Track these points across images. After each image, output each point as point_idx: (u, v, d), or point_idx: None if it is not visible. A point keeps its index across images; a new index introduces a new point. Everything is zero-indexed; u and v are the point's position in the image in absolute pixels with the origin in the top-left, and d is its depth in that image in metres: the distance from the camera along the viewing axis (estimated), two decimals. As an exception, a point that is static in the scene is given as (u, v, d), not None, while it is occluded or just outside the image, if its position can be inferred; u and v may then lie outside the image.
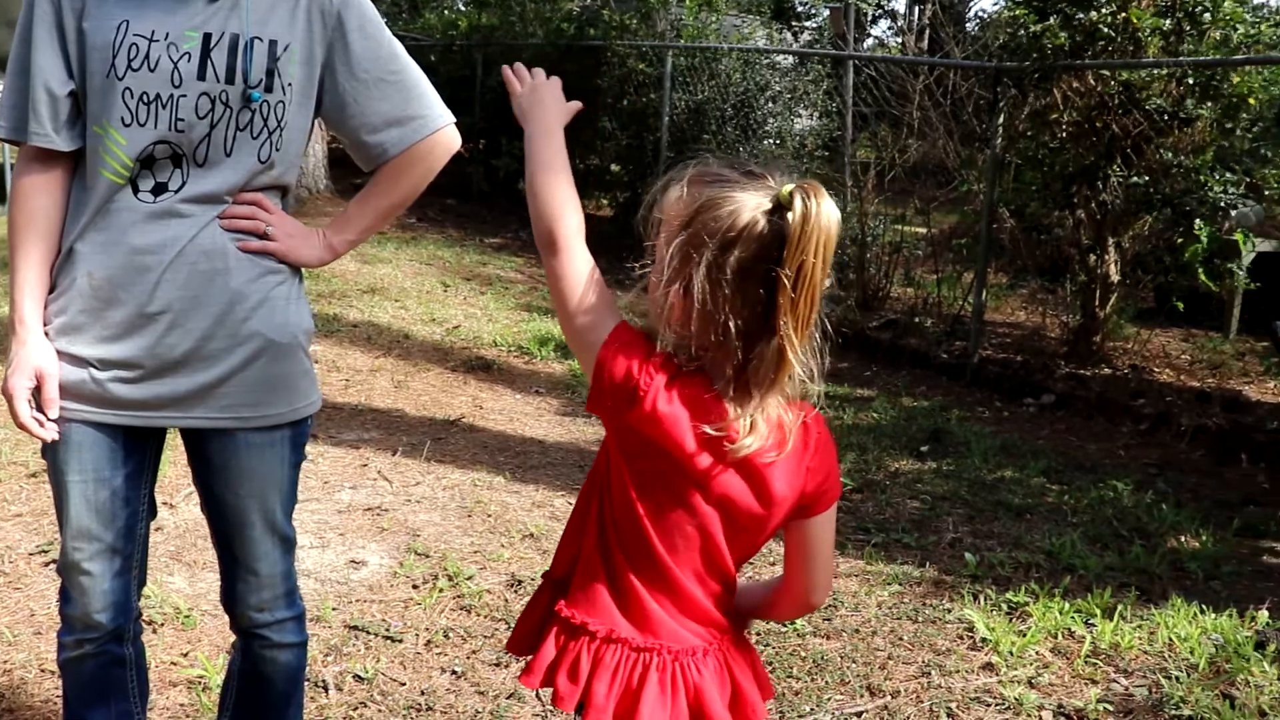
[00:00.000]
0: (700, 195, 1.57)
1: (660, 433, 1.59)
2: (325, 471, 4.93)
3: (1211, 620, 3.92)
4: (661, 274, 1.60)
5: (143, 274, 2.08)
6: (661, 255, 1.61)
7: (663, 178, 1.66)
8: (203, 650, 3.34)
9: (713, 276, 1.55)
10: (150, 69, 2.03)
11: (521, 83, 1.81)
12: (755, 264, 1.54)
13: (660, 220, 1.64)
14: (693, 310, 1.56)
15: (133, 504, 2.22)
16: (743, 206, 1.55)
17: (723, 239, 1.54)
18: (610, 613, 1.67)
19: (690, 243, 1.56)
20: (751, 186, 1.57)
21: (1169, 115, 6.99)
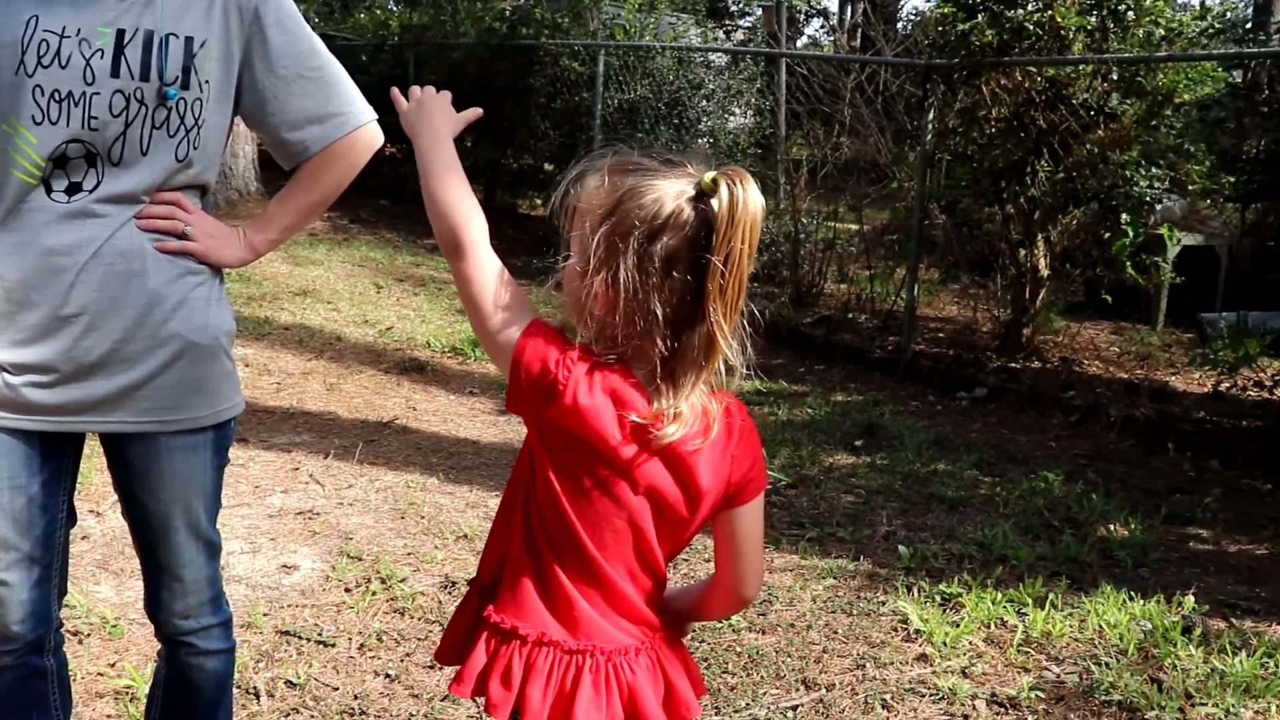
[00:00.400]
0: (622, 184, 1.57)
1: (583, 425, 1.58)
2: (256, 475, 4.87)
3: (1140, 606, 3.98)
4: (585, 264, 1.58)
5: (57, 275, 2.04)
6: (584, 245, 1.59)
7: (576, 166, 1.64)
8: (130, 660, 3.29)
9: (640, 265, 1.54)
10: (61, 66, 1.98)
11: (409, 99, 1.81)
12: (682, 251, 1.55)
13: (577, 210, 1.62)
14: (618, 299, 1.56)
15: (50, 511, 2.18)
16: (666, 194, 1.55)
17: (649, 227, 1.54)
18: (540, 615, 1.65)
19: (615, 231, 1.55)
20: (672, 174, 1.57)
21: (1094, 111, 7.09)
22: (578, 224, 1.63)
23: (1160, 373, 7.58)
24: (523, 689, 1.63)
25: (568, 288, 1.65)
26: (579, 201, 1.62)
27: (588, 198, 1.61)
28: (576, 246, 1.63)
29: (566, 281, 1.65)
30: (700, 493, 1.65)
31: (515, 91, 12.04)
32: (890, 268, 8.94)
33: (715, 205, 1.53)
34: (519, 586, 1.67)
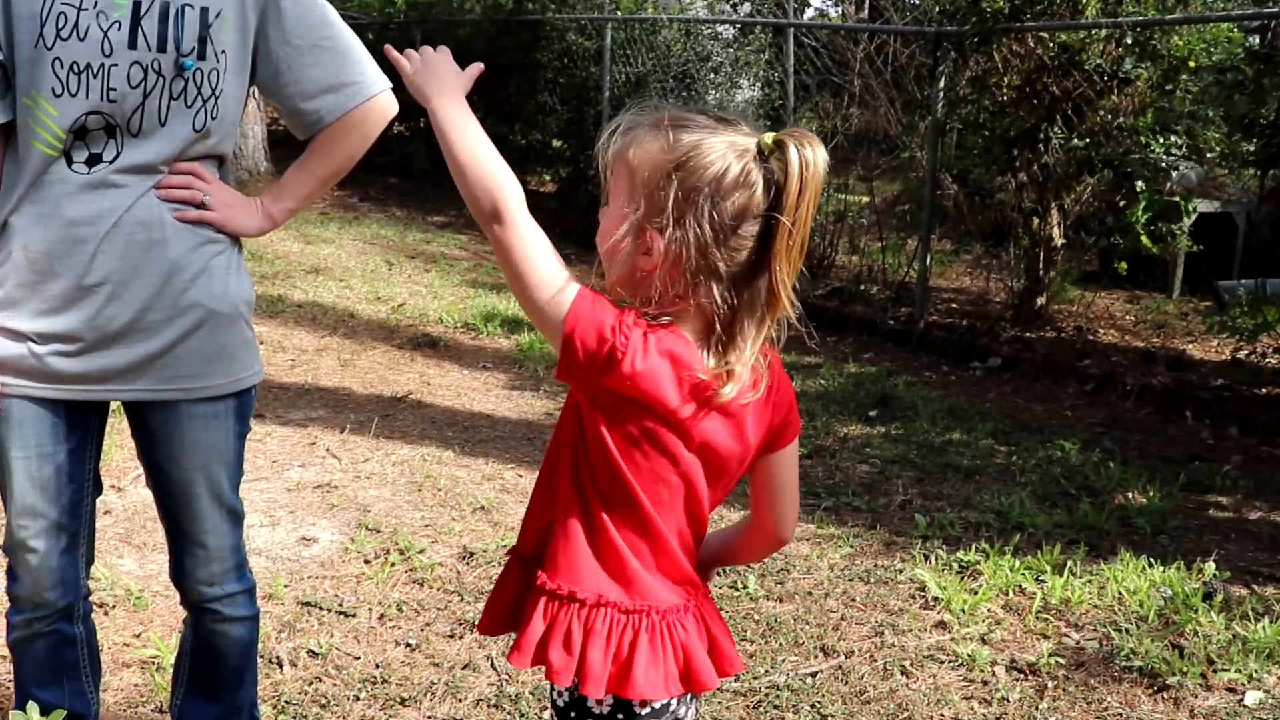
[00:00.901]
0: (684, 140, 1.55)
1: (641, 390, 1.56)
2: (274, 450, 4.88)
3: (1160, 573, 3.97)
4: (638, 219, 1.56)
5: (79, 246, 2.04)
6: (636, 200, 1.57)
7: (619, 123, 1.61)
8: (155, 631, 3.30)
9: (709, 223, 1.54)
10: (80, 38, 1.98)
11: (410, 61, 1.69)
12: (749, 210, 1.55)
13: (628, 163, 1.58)
14: (681, 257, 1.55)
15: (77, 479, 2.19)
16: (732, 152, 1.54)
17: (718, 185, 1.53)
18: (596, 577, 1.63)
19: (682, 189, 1.54)
20: (732, 132, 1.56)
21: (1108, 76, 7.04)
22: (625, 177, 1.59)
23: (1177, 341, 7.55)
24: (583, 653, 1.61)
25: (611, 244, 1.61)
26: (632, 156, 1.58)
27: (644, 153, 1.57)
28: (625, 200, 1.59)
29: (607, 234, 1.61)
30: (749, 445, 1.65)
31: (522, 67, 12.00)
32: (902, 239, 8.91)
33: (786, 166, 1.52)
34: (571, 550, 1.64)
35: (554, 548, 1.65)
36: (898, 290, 8.56)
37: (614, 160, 1.60)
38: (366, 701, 3.04)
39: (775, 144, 1.54)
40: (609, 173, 1.61)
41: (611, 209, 1.61)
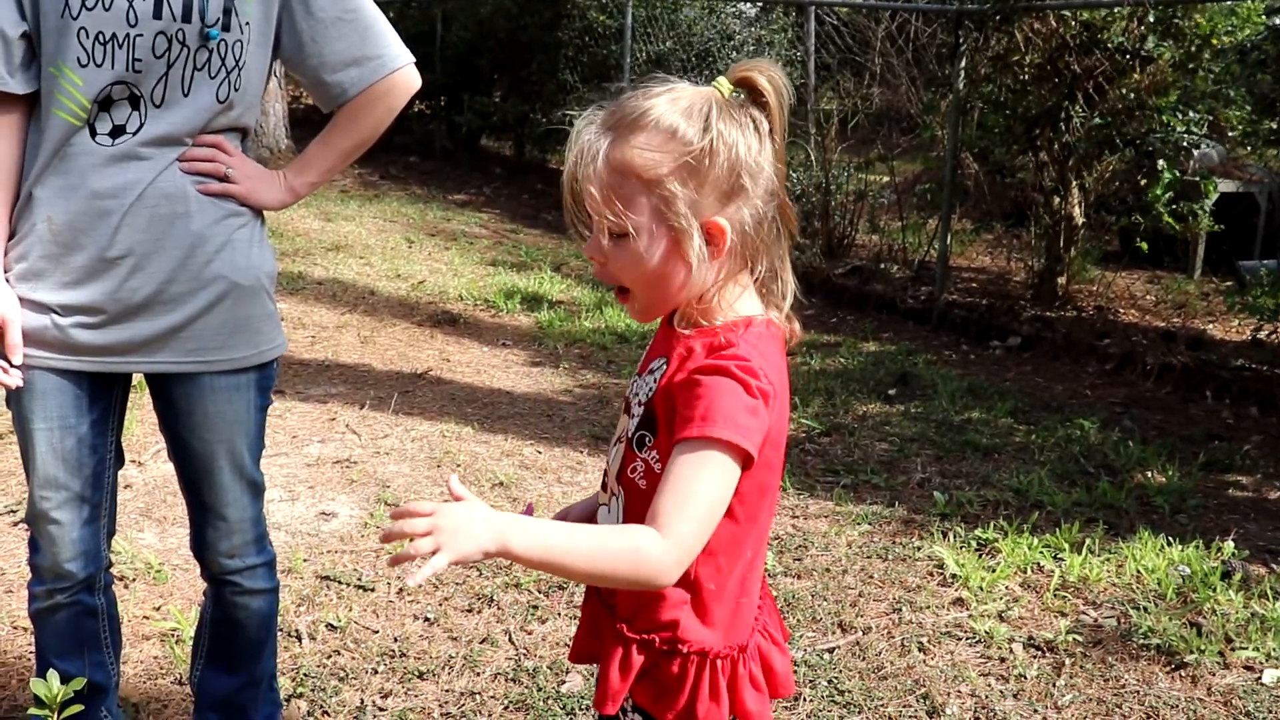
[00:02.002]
0: (679, 128, 1.45)
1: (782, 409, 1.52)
2: (293, 426, 4.90)
3: (1178, 552, 3.97)
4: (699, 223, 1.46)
5: (103, 218, 2.05)
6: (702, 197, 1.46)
7: (578, 156, 1.48)
8: (175, 604, 3.33)
9: (768, 185, 1.50)
10: (105, 8, 1.99)
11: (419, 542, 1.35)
12: (767, 153, 1.50)
13: (651, 179, 1.45)
14: (750, 233, 1.49)
15: (100, 451, 2.21)
16: (728, 115, 1.47)
17: (755, 154, 1.48)
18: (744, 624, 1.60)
19: (727, 172, 1.46)
20: (694, 95, 1.48)
21: (1130, 54, 6.99)
22: (633, 194, 1.46)
23: (1198, 321, 7.51)
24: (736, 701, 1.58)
25: (657, 267, 1.49)
26: (643, 169, 1.45)
27: (650, 160, 1.45)
28: (651, 218, 1.47)
29: (644, 261, 1.49)
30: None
31: (544, 45, 11.98)
32: (922, 218, 8.87)
33: (764, 97, 1.48)
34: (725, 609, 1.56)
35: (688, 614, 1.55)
36: (918, 269, 8.54)
37: (609, 187, 1.47)
38: (385, 675, 3.06)
39: (738, 83, 1.49)
40: (602, 201, 1.47)
41: (638, 230, 1.47)
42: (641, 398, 1.56)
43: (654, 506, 1.42)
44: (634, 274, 1.51)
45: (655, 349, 1.60)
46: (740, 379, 1.43)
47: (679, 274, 1.49)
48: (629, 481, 1.56)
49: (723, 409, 1.41)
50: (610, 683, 1.57)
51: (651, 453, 1.53)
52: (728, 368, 1.44)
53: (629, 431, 1.57)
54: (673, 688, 1.55)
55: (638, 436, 1.55)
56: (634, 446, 1.55)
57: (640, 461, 1.54)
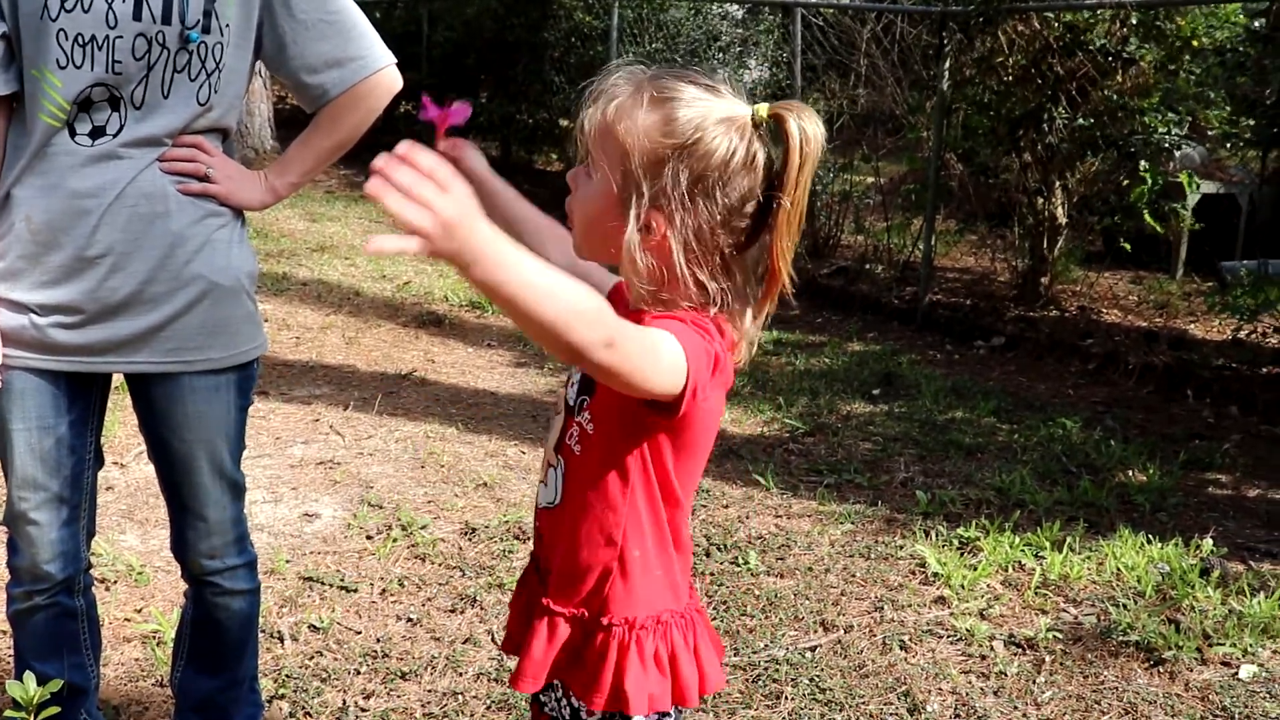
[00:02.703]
0: (680, 120, 1.48)
1: (728, 381, 1.55)
2: (277, 427, 4.90)
3: (1158, 549, 3.99)
4: (632, 205, 1.49)
5: (82, 217, 2.06)
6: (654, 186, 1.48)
7: (599, 87, 1.53)
8: (156, 606, 3.33)
9: (721, 206, 1.50)
10: (84, 10, 1.99)
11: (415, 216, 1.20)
12: (754, 192, 1.51)
13: (625, 146, 1.49)
14: (688, 241, 1.49)
15: (79, 451, 2.21)
16: (735, 134, 1.49)
17: (725, 170, 1.48)
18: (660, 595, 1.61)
19: (691, 176, 1.47)
20: (724, 103, 1.51)
21: (1113, 56, 7.03)
22: (615, 152, 1.50)
23: (1179, 320, 7.55)
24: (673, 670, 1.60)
25: (594, 216, 1.54)
26: (623, 132, 1.49)
27: (638, 130, 1.48)
28: (616, 176, 1.50)
29: (590, 203, 1.53)
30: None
31: (530, 46, 11.98)
32: (907, 219, 8.89)
33: (787, 142, 1.48)
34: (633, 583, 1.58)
35: (614, 584, 1.58)
36: (902, 269, 8.56)
37: (599, 131, 1.52)
38: (367, 675, 3.07)
39: (772, 117, 1.50)
40: (593, 139, 1.52)
41: (598, 181, 1.52)
42: None
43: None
44: (581, 209, 1.56)
45: None
46: (698, 326, 1.48)
47: (611, 233, 1.50)
48: (567, 449, 1.59)
49: (677, 328, 1.45)
50: (532, 658, 1.59)
51: (584, 415, 1.56)
52: (681, 317, 1.49)
53: (569, 399, 1.61)
54: (599, 664, 1.57)
55: (578, 401, 1.58)
56: (573, 412, 1.59)
57: (576, 426, 1.58)
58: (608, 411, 1.53)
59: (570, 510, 1.59)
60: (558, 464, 1.61)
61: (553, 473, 1.63)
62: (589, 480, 1.57)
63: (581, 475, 1.57)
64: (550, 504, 1.64)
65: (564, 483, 1.60)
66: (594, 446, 1.56)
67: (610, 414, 1.53)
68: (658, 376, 1.40)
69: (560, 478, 1.61)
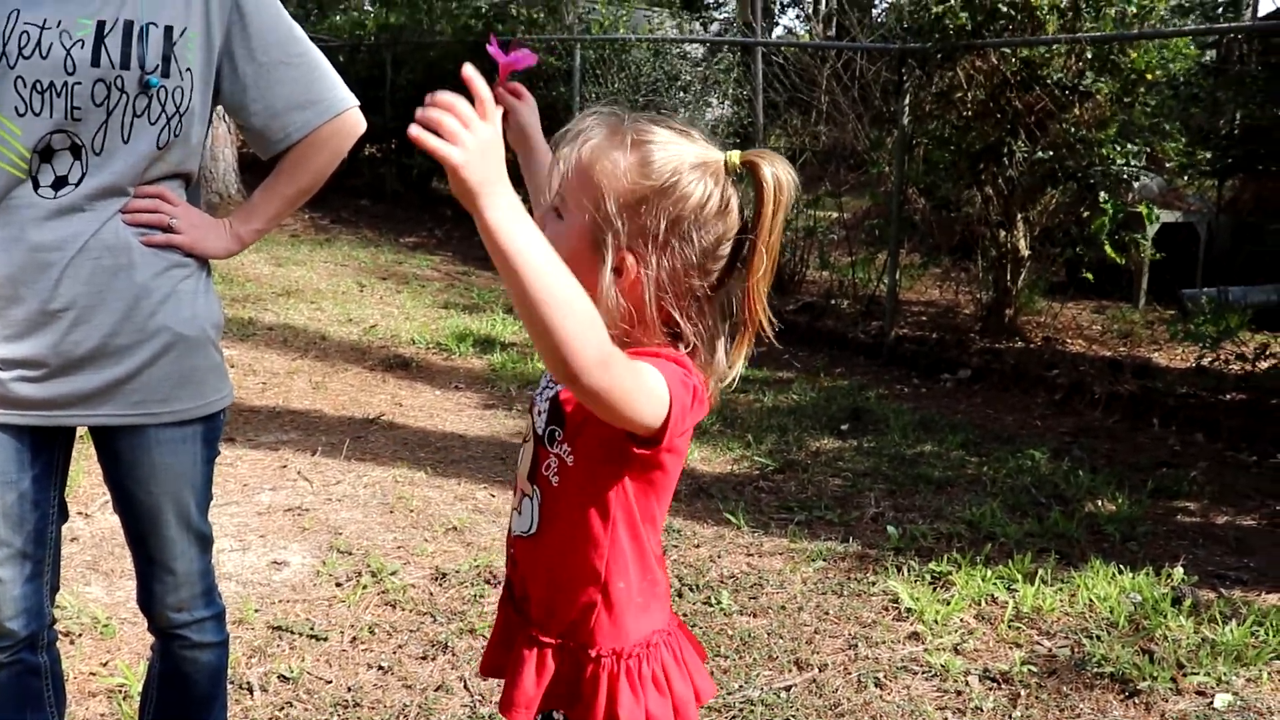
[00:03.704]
0: (655, 165, 1.49)
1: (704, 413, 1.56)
2: (244, 474, 4.86)
3: (1129, 579, 4.00)
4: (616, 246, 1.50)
5: (44, 270, 2.03)
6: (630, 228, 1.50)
7: (578, 127, 1.54)
8: (123, 658, 3.28)
9: (695, 250, 1.52)
10: (43, 56, 1.98)
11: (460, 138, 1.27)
12: (727, 235, 1.54)
13: (600, 188, 1.50)
14: (661, 283, 1.51)
15: (42, 507, 2.17)
16: (710, 179, 1.51)
17: (700, 215, 1.51)
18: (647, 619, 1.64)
19: (667, 221, 1.49)
20: (697, 148, 1.53)
21: (1070, 90, 7.12)
22: (589, 192, 1.51)
23: (1143, 349, 7.62)
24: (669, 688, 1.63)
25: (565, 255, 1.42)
26: (598, 174, 1.50)
27: (614, 172, 1.50)
28: (589, 216, 1.51)
29: (562, 242, 1.48)
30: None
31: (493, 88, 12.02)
32: (871, 253, 8.96)
33: (760, 188, 1.51)
34: (618, 614, 1.60)
35: (600, 617, 1.59)
36: (868, 304, 8.61)
37: (575, 171, 1.52)
38: (339, 724, 3.03)
39: (745, 165, 1.53)
40: (568, 180, 1.53)
41: (570, 221, 1.53)
42: (548, 394, 1.60)
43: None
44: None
45: None
46: (676, 360, 1.50)
47: (581, 275, 1.40)
48: (543, 479, 1.59)
49: (657, 361, 1.47)
50: (523, 689, 1.59)
51: (562, 446, 1.56)
52: (656, 352, 1.50)
53: (538, 428, 1.61)
54: (592, 696, 1.58)
55: (548, 432, 1.58)
56: (545, 443, 1.58)
57: (553, 457, 1.58)
58: (589, 444, 1.54)
59: (549, 541, 1.60)
60: (533, 494, 1.61)
61: (528, 502, 1.63)
62: (569, 513, 1.57)
63: (560, 507, 1.58)
64: (526, 532, 1.64)
65: (540, 513, 1.61)
66: (574, 478, 1.56)
67: (592, 446, 1.53)
68: (644, 406, 1.40)
69: (536, 508, 1.61)
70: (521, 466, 1.66)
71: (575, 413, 1.55)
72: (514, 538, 1.67)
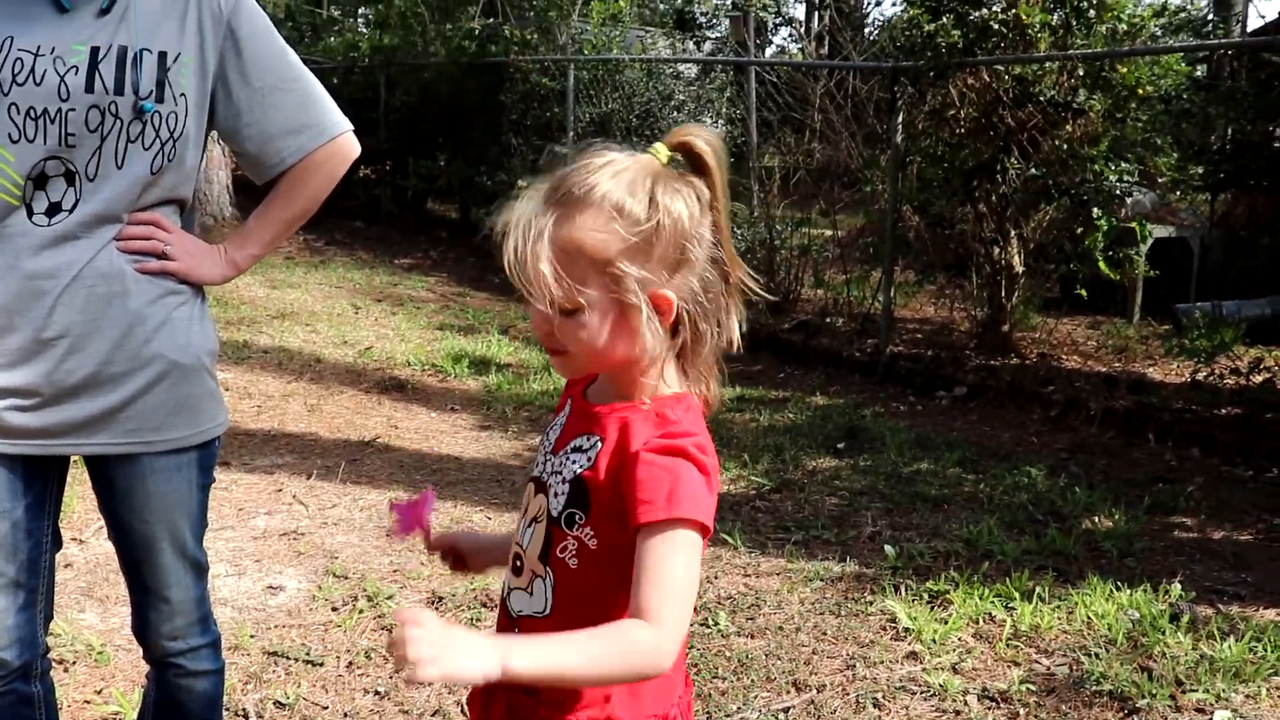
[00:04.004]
0: (629, 206, 1.44)
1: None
2: (239, 498, 4.85)
3: (1127, 596, 4.00)
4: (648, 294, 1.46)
5: (38, 299, 2.03)
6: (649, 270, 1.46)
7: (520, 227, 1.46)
8: (118, 686, 3.27)
9: (710, 247, 1.50)
10: (36, 83, 1.98)
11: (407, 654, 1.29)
12: (709, 220, 1.50)
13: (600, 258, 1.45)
14: (696, 300, 1.49)
15: (36, 535, 2.17)
16: (672, 183, 1.47)
17: (693, 222, 1.48)
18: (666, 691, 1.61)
19: (674, 246, 1.46)
20: (637, 168, 1.47)
21: (1061, 107, 7.14)
22: (592, 268, 1.45)
23: (1138, 364, 7.62)
24: None
25: (606, 340, 1.48)
26: (589, 245, 1.44)
27: (605, 240, 1.44)
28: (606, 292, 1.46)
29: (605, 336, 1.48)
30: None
31: (487, 109, 12.06)
32: (866, 271, 8.97)
33: (704, 163, 1.48)
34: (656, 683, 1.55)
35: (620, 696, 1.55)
36: (863, 322, 8.62)
37: (561, 267, 1.45)
38: (336, 750, 3.02)
39: (676, 149, 1.50)
40: (556, 273, 1.45)
41: (590, 306, 1.47)
42: (566, 475, 1.54)
43: (637, 599, 1.42)
44: (582, 343, 1.50)
45: (573, 426, 1.59)
46: (695, 459, 1.45)
47: (626, 344, 1.48)
48: (558, 562, 1.54)
49: (686, 489, 1.43)
50: None
51: (585, 529, 1.52)
52: (684, 448, 1.45)
53: (553, 510, 1.54)
54: None
55: (566, 515, 1.53)
56: (563, 525, 1.53)
57: (572, 540, 1.53)
58: (614, 528, 1.49)
59: (568, 623, 1.50)
60: (546, 575, 1.56)
61: (540, 583, 1.57)
62: (590, 595, 1.52)
63: (580, 589, 1.53)
64: (538, 614, 1.57)
65: (555, 595, 1.55)
66: (597, 561, 1.51)
67: (616, 529, 1.49)
68: (697, 575, 1.46)
69: (550, 590, 1.55)
70: (530, 546, 1.58)
71: (601, 495, 1.50)
72: (522, 618, 1.59)
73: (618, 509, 1.47)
